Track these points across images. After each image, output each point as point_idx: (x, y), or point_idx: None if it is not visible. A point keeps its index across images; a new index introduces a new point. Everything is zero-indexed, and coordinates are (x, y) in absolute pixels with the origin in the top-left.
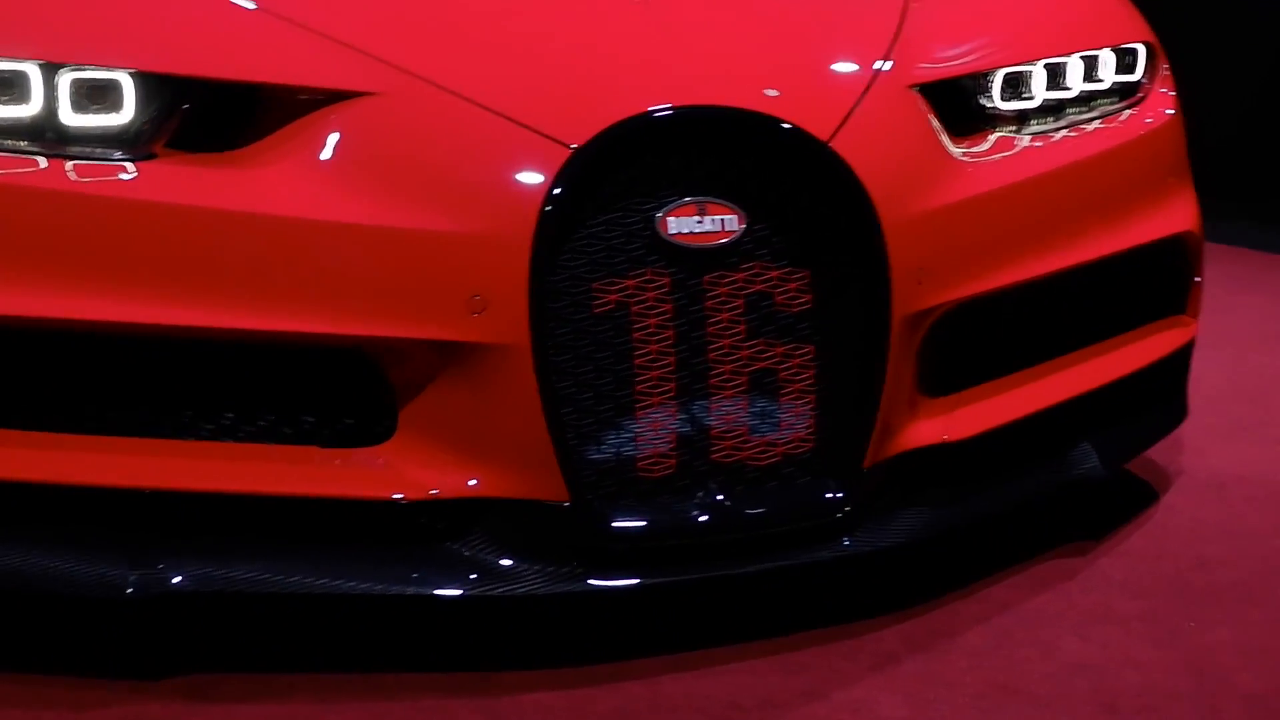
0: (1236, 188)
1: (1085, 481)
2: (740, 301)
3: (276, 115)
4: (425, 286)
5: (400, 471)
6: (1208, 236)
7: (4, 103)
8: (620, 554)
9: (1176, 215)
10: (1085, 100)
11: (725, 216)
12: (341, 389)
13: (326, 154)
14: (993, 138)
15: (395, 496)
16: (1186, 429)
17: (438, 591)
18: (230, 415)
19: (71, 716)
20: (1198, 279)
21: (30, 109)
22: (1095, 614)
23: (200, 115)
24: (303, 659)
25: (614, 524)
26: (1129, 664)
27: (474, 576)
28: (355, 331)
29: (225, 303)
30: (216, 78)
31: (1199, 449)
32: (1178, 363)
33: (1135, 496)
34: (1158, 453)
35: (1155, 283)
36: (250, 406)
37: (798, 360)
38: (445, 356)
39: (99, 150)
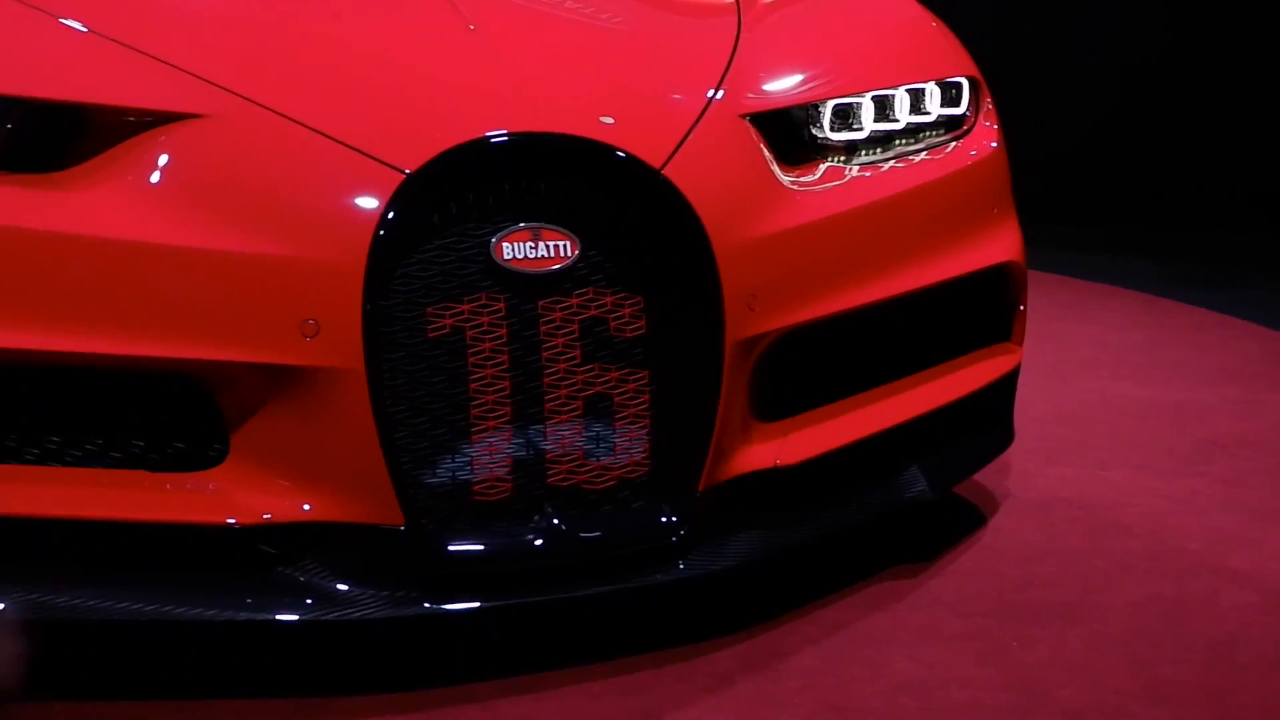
0: (1059, 217)
1: (915, 504)
2: (575, 327)
3: (103, 137)
4: (256, 310)
5: (232, 496)
6: (1035, 265)
7: None
8: (456, 578)
9: (1001, 245)
10: (912, 132)
11: (559, 242)
12: (171, 413)
13: (155, 176)
14: (822, 168)
15: (228, 521)
16: (1012, 453)
17: (272, 616)
18: (56, 439)
19: None
20: (1022, 307)
21: None
22: (924, 633)
23: (24, 135)
24: (134, 688)
25: (449, 548)
26: (954, 682)
27: (309, 601)
28: (184, 355)
29: (49, 325)
30: (40, 97)
31: (1024, 472)
32: (1004, 388)
33: (963, 518)
34: (985, 476)
35: (981, 310)
36: (77, 430)
37: (632, 385)
38: (277, 381)
39: None
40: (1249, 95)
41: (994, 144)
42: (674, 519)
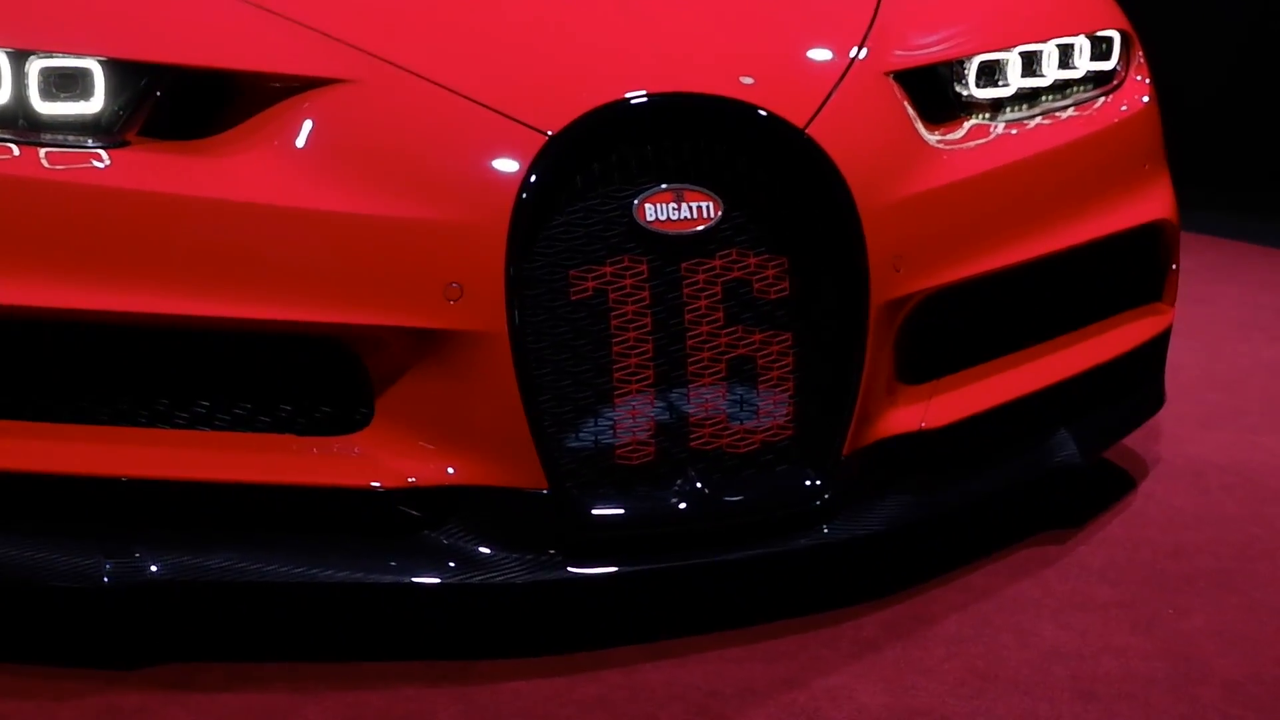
0: (1213, 177)
1: (1063, 469)
2: (718, 289)
3: (251, 103)
4: (401, 274)
5: (377, 460)
6: (1185, 226)
7: None
8: (599, 542)
9: (1153, 203)
10: (1060, 88)
11: (702, 203)
12: (317, 377)
13: (301, 141)
14: (968, 125)
15: (372, 485)
16: (1163, 417)
17: (415, 580)
18: (206, 404)
19: (48, 706)
20: (1174, 266)
21: (0, 97)
22: (1073, 601)
23: (173, 103)
24: (281, 649)
25: (593, 512)
26: (1107, 650)
27: (452, 565)
28: (331, 319)
29: (200, 291)
30: (189, 65)
31: (1176, 437)
32: (1155, 350)
33: (1112, 484)
34: (1135, 440)
35: (1132, 270)
36: (226, 395)
37: (776, 347)
38: (422, 344)
39: (71, 138)
40: None
41: (1145, 99)
42: (818, 483)
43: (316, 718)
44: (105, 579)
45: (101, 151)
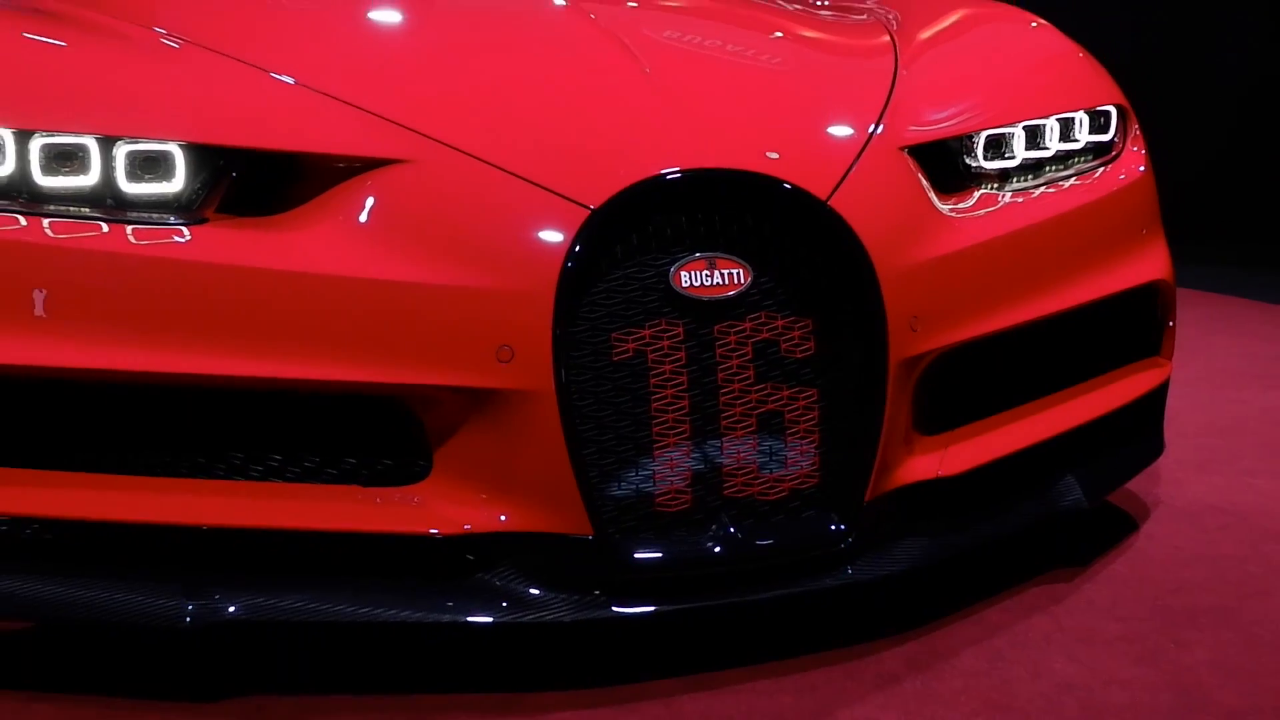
0: (1209, 236)
1: (1069, 512)
2: (748, 349)
3: (318, 182)
4: (457, 338)
5: (435, 509)
6: (1181, 282)
7: (67, 173)
8: (640, 584)
9: (1150, 264)
10: (1063, 159)
11: (733, 270)
12: (380, 433)
13: (364, 217)
14: (977, 194)
15: (430, 532)
16: (1163, 462)
17: (470, 619)
18: (278, 457)
19: None
20: (1171, 323)
21: (90, 179)
22: (1081, 635)
23: (247, 182)
24: (347, 682)
25: (634, 556)
26: (1114, 683)
27: (504, 605)
28: (392, 380)
29: (272, 355)
30: (261, 147)
31: (1175, 480)
32: (1154, 401)
33: (1116, 525)
34: (1137, 484)
35: (1131, 327)
36: (296, 449)
37: (802, 402)
38: (476, 402)
39: (155, 215)
40: None
41: (1142, 168)
42: (843, 527)
43: None
44: (187, 619)
45: (182, 228)
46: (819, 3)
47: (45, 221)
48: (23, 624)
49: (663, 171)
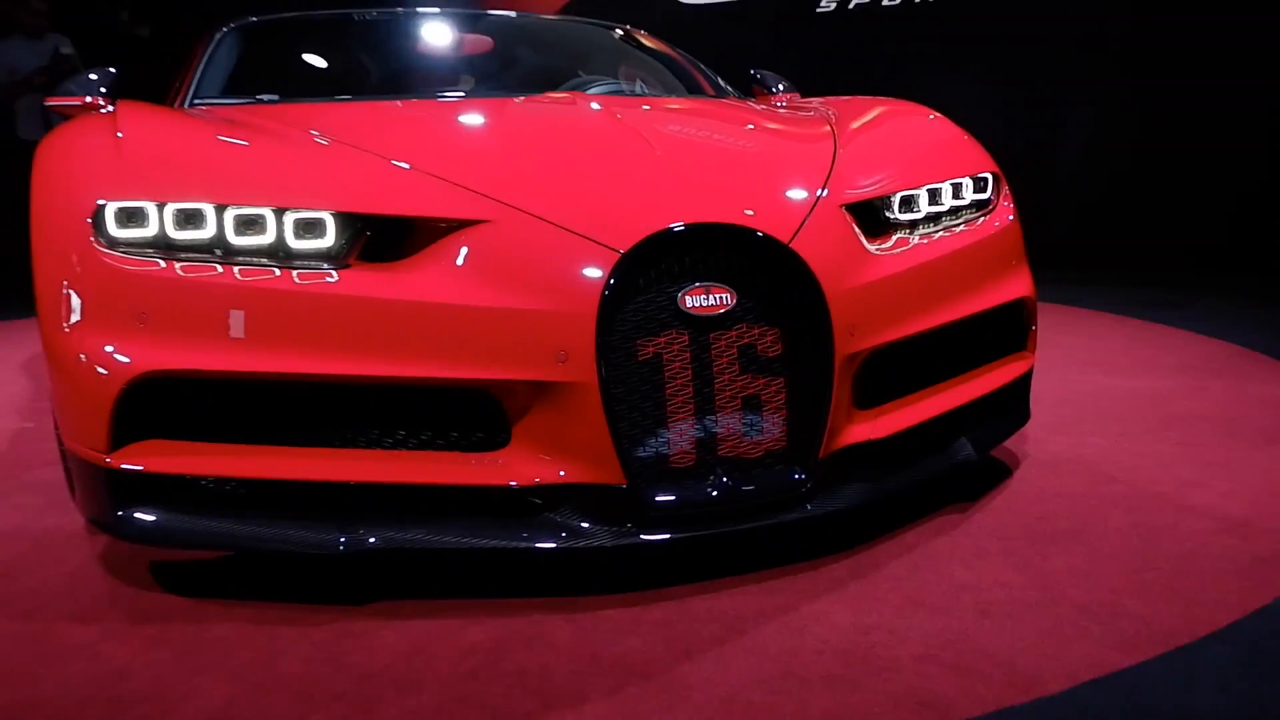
0: (1061, 265)
1: (964, 464)
2: (735, 350)
3: (426, 237)
4: (527, 346)
5: (513, 467)
6: (1041, 297)
7: (252, 234)
8: (659, 518)
9: (1017, 286)
10: (954, 211)
11: (722, 294)
12: (474, 414)
13: (460, 261)
14: (894, 238)
15: (510, 483)
16: (1029, 427)
17: (539, 545)
18: (402, 432)
19: (310, 625)
20: (1034, 327)
21: (268, 238)
22: (973, 551)
23: (378, 238)
24: (454, 590)
25: (655, 499)
26: (997, 584)
27: (563, 535)
28: (482, 376)
29: (397, 360)
30: (387, 214)
31: (1038, 439)
32: (1023, 383)
33: (997, 473)
34: (1011, 443)
35: (1006, 330)
36: (415, 426)
37: (774, 388)
38: (541, 391)
39: (313, 263)
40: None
41: (1010, 217)
42: (803, 476)
43: (477, 632)
44: (340, 547)
45: (333, 271)
46: (779, 104)
47: (236, 269)
48: (226, 553)
49: (671, 225)
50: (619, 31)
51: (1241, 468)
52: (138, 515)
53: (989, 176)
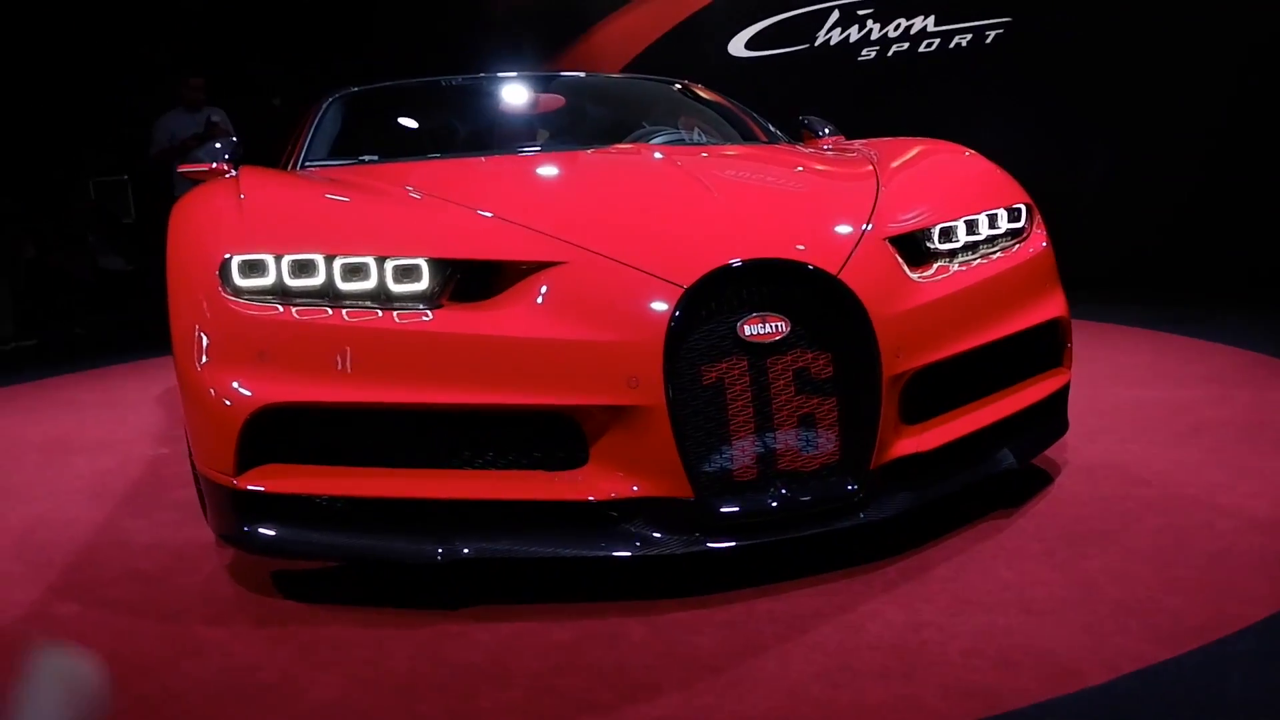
0: (1091, 285)
1: (1006, 472)
2: (790, 374)
3: (509, 278)
4: (602, 373)
5: (591, 483)
6: (1074, 315)
7: (357, 280)
8: (724, 527)
9: (1052, 307)
10: (990, 240)
11: (778, 323)
12: (555, 436)
13: (540, 299)
14: (935, 266)
15: (589, 498)
16: (1067, 437)
17: (616, 553)
18: (491, 453)
19: (411, 627)
20: (1069, 344)
21: (370, 283)
22: (1016, 552)
23: (466, 280)
24: (539, 595)
25: (720, 510)
26: (1038, 582)
27: (637, 543)
28: (562, 402)
29: (486, 389)
30: (474, 258)
31: (1075, 448)
32: (1060, 396)
33: (1037, 479)
34: (1050, 452)
35: (1042, 348)
36: (503, 448)
37: (826, 407)
38: (616, 414)
39: (410, 304)
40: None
41: (1044, 244)
42: (855, 487)
43: (560, 632)
44: (437, 557)
45: (427, 311)
46: (825, 147)
47: (344, 311)
48: (338, 563)
49: (730, 261)
50: (677, 85)
51: (1267, 470)
52: (260, 530)
53: (1022, 207)
